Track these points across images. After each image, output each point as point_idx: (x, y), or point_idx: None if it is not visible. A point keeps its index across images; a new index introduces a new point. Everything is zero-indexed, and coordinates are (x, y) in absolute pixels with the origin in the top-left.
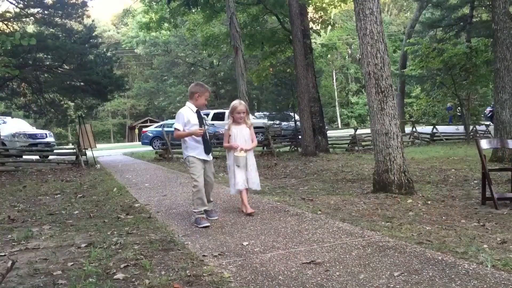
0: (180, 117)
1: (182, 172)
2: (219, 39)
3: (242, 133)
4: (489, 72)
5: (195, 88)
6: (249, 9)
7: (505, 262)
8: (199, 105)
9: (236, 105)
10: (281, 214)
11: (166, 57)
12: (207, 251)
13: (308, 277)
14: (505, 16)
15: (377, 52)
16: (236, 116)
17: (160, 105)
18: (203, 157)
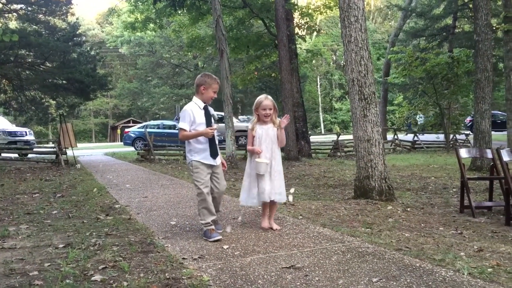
0: (185, 115)
1: (164, 174)
2: (204, 41)
3: (268, 134)
4: (470, 82)
5: (200, 79)
6: (236, 12)
7: (481, 270)
8: (206, 99)
9: (261, 100)
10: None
11: (150, 57)
12: (187, 254)
13: (288, 282)
14: (487, 28)
15: (361, 59)
16: (261, 113)
17: (143, 106)
18: (209, 162)
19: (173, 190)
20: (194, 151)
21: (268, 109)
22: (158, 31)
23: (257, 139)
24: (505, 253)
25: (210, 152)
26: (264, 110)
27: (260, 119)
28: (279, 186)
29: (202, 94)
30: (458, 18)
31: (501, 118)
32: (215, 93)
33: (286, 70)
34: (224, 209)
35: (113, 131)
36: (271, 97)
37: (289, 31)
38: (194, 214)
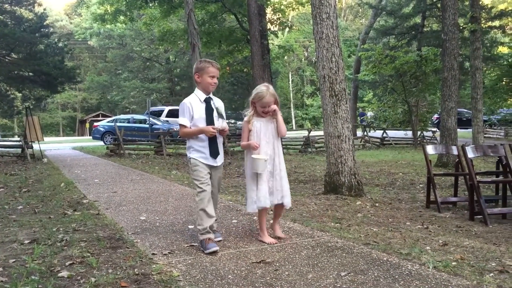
0: (184, 109)
1: (133, 169)
2: (176, 35)
3: (268, 127)
4: (437, 81)
5: (194, 68)
6: (208, 6)
7: (446, 264)
8: (205, 88)
9: (262, 95)
10: (233, 213)
11: (121, 50)
12: (156, 249)
13: (258, 277)
14: (454, 27)
15: (332, 56)
16: (259, 110)
17: (113, 100)
18: (208, 162)
19: (143, 185)
20: (193, 148)
21: (267, 106)
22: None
23: (254, 133)
24: (468, 247)
25: (209, 152)
26: (264, 107)
27: (257, 112)
28: (285, 187)
29: (199, 84)
30: (426, 17)
31: (466, 116)
32: (213, 77)
33: (258, 66)
34: (194, 203)
35: (82, 125)
36: (272, 88)
37: (261, 26)
38: (164, 209)
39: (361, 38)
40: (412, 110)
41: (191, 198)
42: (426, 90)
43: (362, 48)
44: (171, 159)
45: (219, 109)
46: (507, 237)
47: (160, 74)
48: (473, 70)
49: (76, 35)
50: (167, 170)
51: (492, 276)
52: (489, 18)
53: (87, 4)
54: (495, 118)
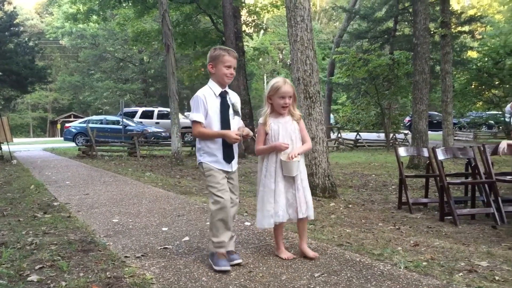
0: (198, 102)
1: (106, 170)
2: (150, 36)
3: (287, 129)
4: (409, 84)
5: (208, 56)
6: (183, 7)
7: (417, 264)
8: (220, 80)
9: (279, 85)
10: (207, 215)
11: (93, 50)
12: (129, 252)
13: (232, 279)
14: (425, 32)
15: (307, 59)
16: (278, 102)
17: (85, 100)
18: (221, 167)
19: (116, 187)
20: (204, 150)
21: (287, 97)
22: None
23: (271, 137)
24: (439, 247)
25: (223, 155)
26: (283, 98)
27: (274, 110)
28: (308, 198)
29: (213, 75)
30: (398, 22)
31: (437, 119)
32: (229, 68)
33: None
34: (168, 206)
35: (53, 126)
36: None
37: (236, 28)
38: (137, 211)
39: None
40: (385, 112)
41: (165, 200)
42: (398, 93)
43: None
44: (145, 161)
45: (235, 105)
46: (475, 237)
47: (134, 75)
48: (444, 74)
49: (47, 35)
50: (141, 172)
51: (461, 275)
52: (459, 23)
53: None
54: (464, 121)
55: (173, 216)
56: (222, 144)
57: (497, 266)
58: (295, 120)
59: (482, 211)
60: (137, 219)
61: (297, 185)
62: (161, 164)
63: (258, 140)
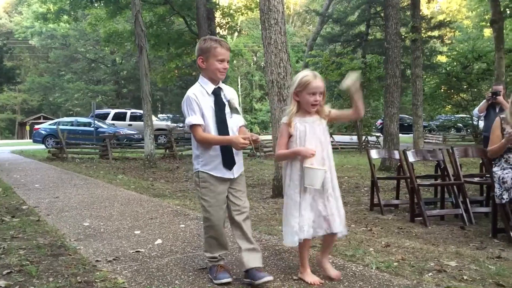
0: (190, 103)
1: (77, 173)
2: (123, 37)
3: (315, 130)
4: (380, 87)
5: (197, 49)
6: (156, 8)
7: (388, 264)
8: (212, 75)
9: (308, 79)
10: (180, 218)
11: (64, 51)
12: (101, 256)
13: (205, 281)
14: (396, 36)
15: (281, 62)
16: (307, 100)
17: (55, 102)
18: (221, 174)
19: (87, 190)
20: (201, 157)
21: (318, 94)
22: (73, 24)
23: (296, 139)
24: (409, 247)
25: (222, 160)
26: (313, 95)
27: (301, 109)
28: (341, 210)
29: (204, 70)
30: (370, 26)
31: (408, 122)
32: (222, 61)
33: None
34: (141, 208)
35: (22, 128)
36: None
37: (210, 30)
38: (109, 214)
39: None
40: None
41: (137, 203)
42: (370, 96)
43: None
44: (117, 163)
45: (232, 102)
46: (445, 237)
47: (106, 76)
48: (414, 77)
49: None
50: (113, 175)
51: (431, 275)
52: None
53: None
54: (434, 124)
55: (146, 219)
56: (221, 149)
57: (465, 266)
58: (324, 118)
59: (451, 212)
60: (108, 223)
61: (328, 194)
62: (134, 167)
63: (279, 143)
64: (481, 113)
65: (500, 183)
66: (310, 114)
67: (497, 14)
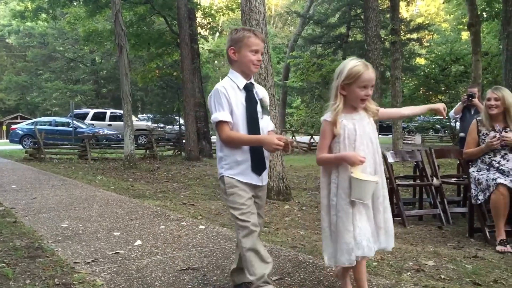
0: (220, 98)
1: (55, 174)
2: (102, 36)
3: (365, 130)
4: None
5: (228, 40)
6: (136, 8)
7: (367, 264)
8: (245, 69)
9: (359, 69)
10: (161, 219)
11: (42, 49)
12: (79, 257)
13: (186, 283)
14: (376, 39)
15: (262, 63)
16: (356, 93)
17: (33, 101)
18: (249, 180)
19: (66, 191)
20: (227, 160)
21: (370, 87)
22: (51, 22)
23: (344, 140)
24: None
25: (252, 165)
26: (365, 88)
27: (347, 104)
28: (390, 222)
29: (235, 63)
30: (351, 28)
31: (387, 123)
32: (256, 53)
33: (188, 70)
34: (120, 209)
35: None
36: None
37: (191, 30)
38: (88, 216)
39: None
40: None
41: (117, 204)
42: None
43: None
44: (97, 164)
45: (264, 101)
46: (423, 237)
47: (85, 76)
48: (393, 79)
49: None
50: (92, 175)
51: (409, 274)
52: (408, 30)
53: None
54: (413, 125)
55: (126, 220)
56: (250, 150)
57: (443, 265)
58: (372, 116)
59: (429, 212)
60: (87, 224)
61: (378, 204)
62: (113, 167)
63: (321, 145)
64: (457, 114)
65: (476, 184)
66: (357, 110)
67: (474, 17)
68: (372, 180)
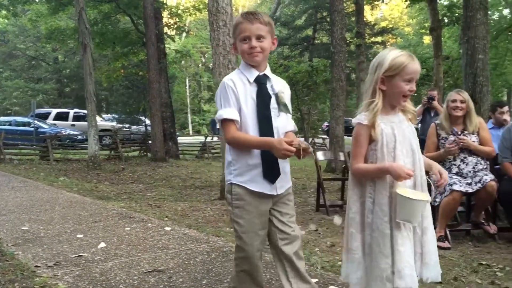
0: (226, 92)
1: (15, 175)
2: (65, 34)
3: (404, 135)
4: (327, 90)
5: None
6: (101, 6)
7: (333, 264)
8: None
9: (403, 60)
10: (126, 221)
11: (2, 47)
12: (40, 261)
13: (151, 285)
14: (341, 41)
15: (229, 63)
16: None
17: None
18: (261, 189)
19: (26, 193)
20: (236, 165)
21: (413, 81)
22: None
23: (383, 147)
24: None
25: (263, 171)
26: (409, 82)
27: (385, 103)
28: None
29: (241, 54)
30: (317, 30)
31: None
32: (248, 40)
33: (155, 70)
34: (84, 211)
35: None
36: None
37: (158, 30)
38: (50, 218)
39: None
40: (304, 117)
41: (80, 205)
42: (317, 99)
43: None
44: (59, 165)
45: (281, 96)
46: None
47: (47, 74)
48: (359, 81)
49: None
50: (54, 177)
51: None
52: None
53: None
54: None
55: (89, 222)
56: (261, 155)
57: None
58: (411, 119)
59: None
60: (49, 226)
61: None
62: (77, 168)
63: (357, 153)
64: (418, 117)
65: (435, 186)
66: (395, 111)
67: (436, 22)
68: (423, 199)
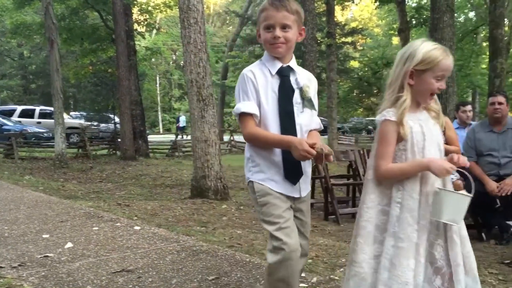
0: (245, 84)
1: None
2: (31, 29)
3: (432, 134)
4: None
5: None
6: (69, 0)
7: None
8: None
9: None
10: (94, 220)
11: None
12: (4, 262)
13: (120, 285)
14: (312, 41)
15: (200, 61)
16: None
17: None
18: (282, 190)
19: None
20: (253, 161)
21: (444, 79)
22: None
23: (413, 147)
24: (323, 245)
25: (284, 171)
26: (440, 79)
27: (415, 100)
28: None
29: (264, 43)
30: None
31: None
32: (271, 29)
33: (124, 67)
34: (50, 211)
35: None
36: None
37: (127, 26)
38: (14, 218)
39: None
40: None
41: (46, 205)
42: None
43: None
44: (24, 163)
45: (306, 90)
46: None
47: (12, 70)
48: (329, 81)
49: None
50: (19, 175)
51: (342, 271)
52: (343, 34)
53: None
54: (347, 126)
55: (56, 222)
56: (282, 155)
57: None
58: (437, 121)
59: None
60: (14, 226)
61: (451, 233)
62: (43, 167)
63: (383, 154)
64: None
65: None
66: (420, 109)
67: (404, 23)
68: (467, 195)
